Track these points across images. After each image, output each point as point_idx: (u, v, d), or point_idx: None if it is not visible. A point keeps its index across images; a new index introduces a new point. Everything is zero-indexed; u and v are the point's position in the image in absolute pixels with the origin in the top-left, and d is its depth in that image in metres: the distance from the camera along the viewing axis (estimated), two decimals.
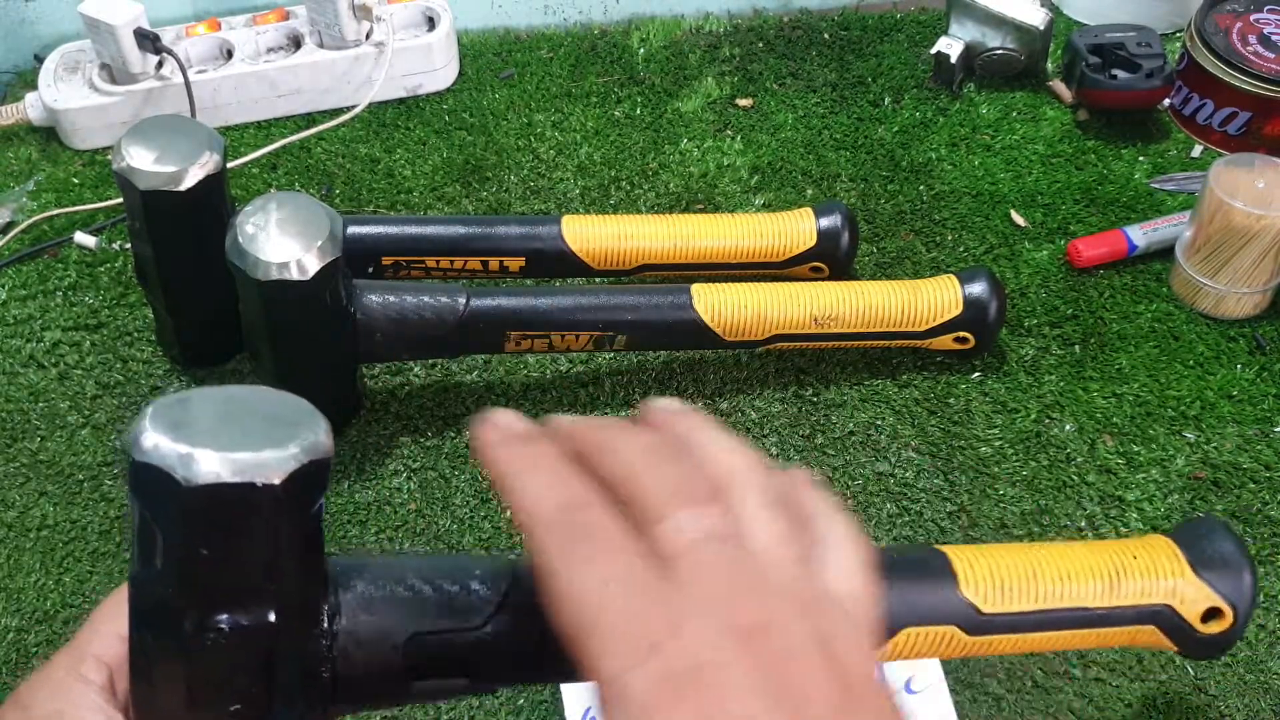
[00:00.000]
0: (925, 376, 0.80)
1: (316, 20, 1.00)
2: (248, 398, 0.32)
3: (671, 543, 0.28)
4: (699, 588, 0.28)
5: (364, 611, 0.34)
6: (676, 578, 0.28)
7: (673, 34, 1.08)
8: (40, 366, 0.82)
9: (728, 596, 0.28)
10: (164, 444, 0.29)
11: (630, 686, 0.26)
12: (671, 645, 0.26)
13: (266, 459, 0.30)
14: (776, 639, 0.27)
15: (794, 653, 0.27)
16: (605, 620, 0.27)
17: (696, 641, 0.26)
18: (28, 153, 1.00)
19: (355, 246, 0.78)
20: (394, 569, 0.35)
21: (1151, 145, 0.95)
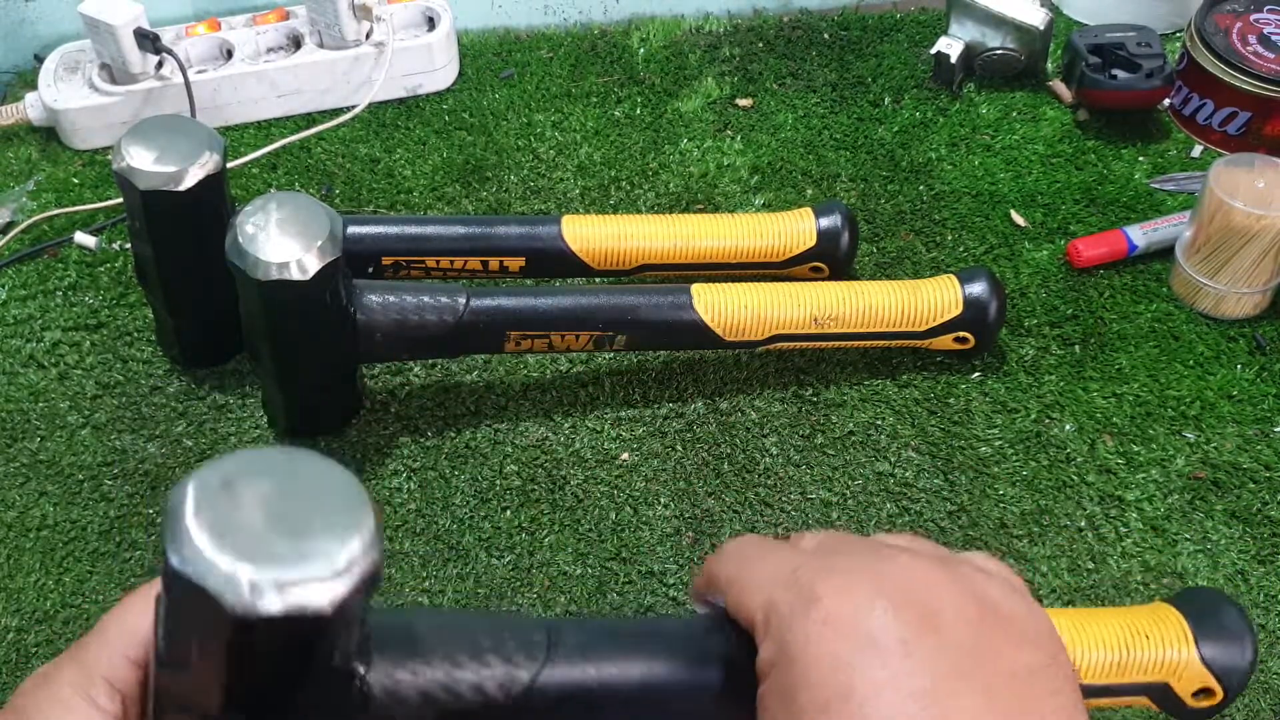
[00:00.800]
0: (925, 376, 0.80)
1: (316, 20, 1.00)
2: (296, 482, 0.30)
3: (804, 546, 0.36)
4: (823, 551, 0.35)
5: (395, 696, 0.33)
6: (808, 553, 0.35)
7: (673, 34, 1.08)
8: (40, 366, 0.82)
9: (860, 545, 0.35)
10: (207, 557, 0.28)
11: (780, 599, 0.33)
12: (804, 570, 0.33)
13: (315, 587, 0.28)
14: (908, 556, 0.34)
15: (924, 576, 0.33)
16: (754, 572, 0.35)
17: (828, 561, 0.34)
18: (28, 153, 1.00)
19: (355, 246, 0.78)
20: (425, 640, 0.34)
21: (1151, 145, 0.95)
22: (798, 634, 0.31)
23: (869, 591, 0.32)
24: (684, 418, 0.78)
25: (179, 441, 0.78)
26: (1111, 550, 0.70)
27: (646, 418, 0.78)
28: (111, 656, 0.33)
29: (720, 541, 0.71)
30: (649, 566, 0.71)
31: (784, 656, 0.32)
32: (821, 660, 0.31)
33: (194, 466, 0.75)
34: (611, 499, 0.74)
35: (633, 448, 0.77)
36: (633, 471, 0.75)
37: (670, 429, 0.78)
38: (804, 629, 0.31)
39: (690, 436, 0.77)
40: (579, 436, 0.77)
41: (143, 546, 0.72)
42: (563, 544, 0.72)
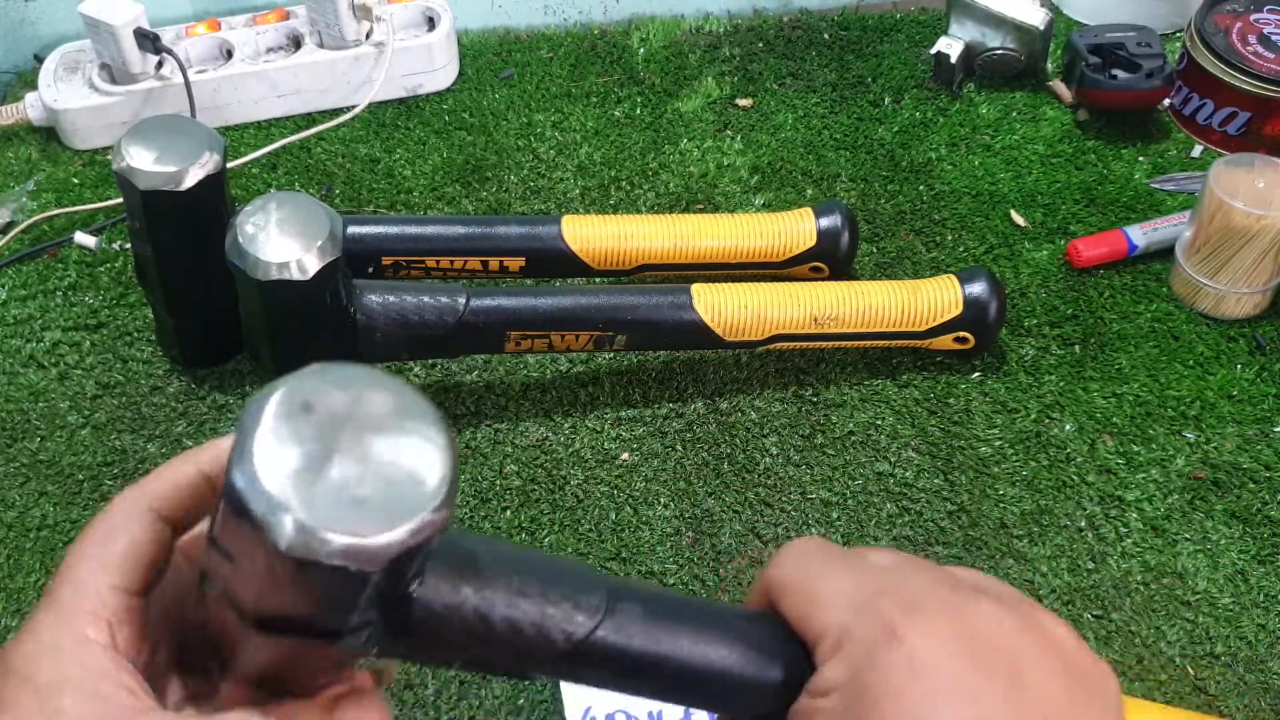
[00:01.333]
0: (925, 376, 0.80)
1: (316, 20, 1.00)
2: (377, 416, 0.29)
3: (877, 564, 0.35)
4: (898, 578, 0.34)
5: (445, 618, 0.32)
6: (883, 576, 0.34)
7: (673, 34, 1.08)
8: (40, 366, 0.82)
9: (942, 577, 0.34)
10: (264, 487, 0.27)
11: (860, 624, 0.32)
12: (887, 597, 0.33)
13: (369, 541, 0.27)
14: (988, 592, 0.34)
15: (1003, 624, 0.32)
16: (829, 588, 0.34)
17: (915, 592, 0.33)
18: (28, 153, 1.00)
19: (355, 246, 0.78)
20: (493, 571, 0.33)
21: (1151, 145, 0.95)
22: (878, 670, 0.31)
23: (955, 637, 0.31)
24: (684, 418, 0.78)
25: (179, 442, 0.78)
26: (1111, 550, 0.70)
27: (646, 418, 0.78)
28: (91, 590, 0.32)
29: (720, 542, 0.71)
30: (649, 566, 0.71)
31: (857, 687, 0.31)
32: (902, 703, 0.30)
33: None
34: (611, 499, 0.74)
35: (633, 448, 0.77)
36: (633, 471, 0.75)
37: (670, 429, 0.78)
38: (885, 666, 0.31)
39: (690, 436, 0.77)
40: (579, 436, 0.77)
41: None
42: (563, 544, 0.72)
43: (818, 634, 0.33)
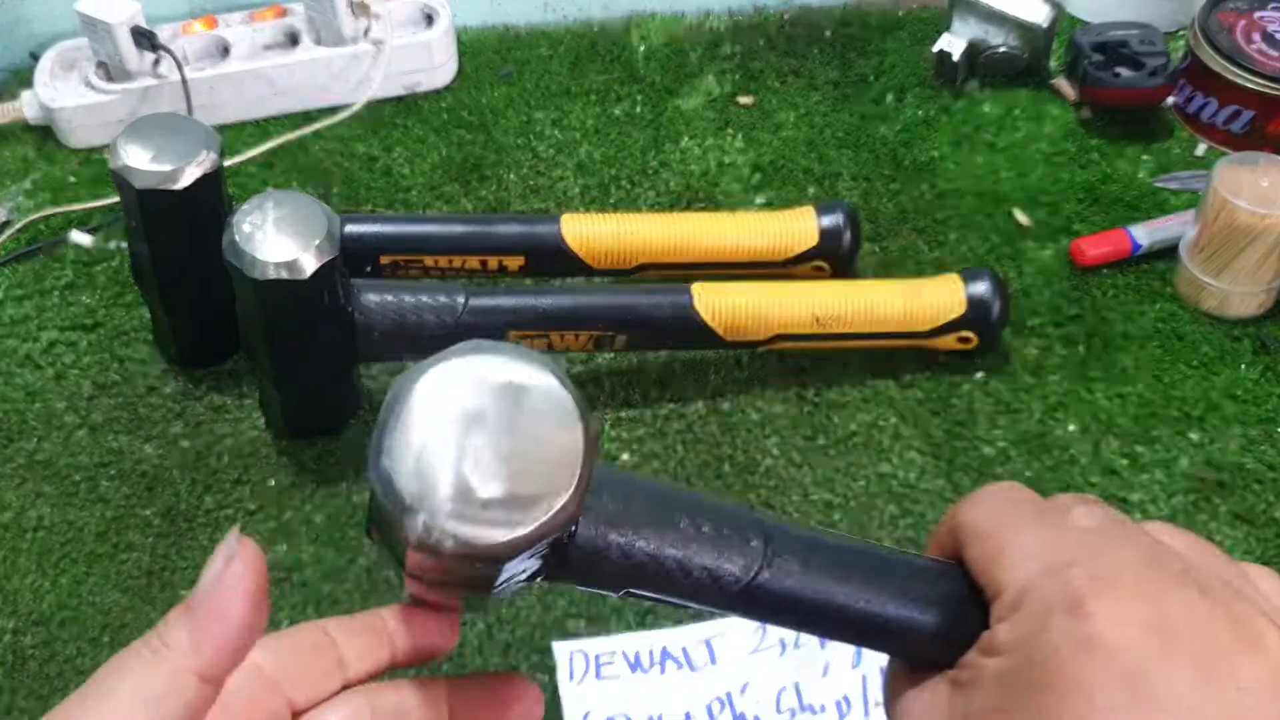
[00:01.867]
0: (928, 377, 0.79)
1: (314, 17, 0.99)
2: (518, 406, 0.30)
3: (1083, 522, 0.32)
4: (1114, 541, 0.31)
5: (603, 555, 0.32)
6: (1083, 539, 0.31)
7: (673, 31, 1.08)
8: (36, 366, 0.82)
9: (1148, 552, 0.31)
10: (396, 482, 0.28)
11: (1041, 589, 0.30)
12: (1080, 566, 0.30)
13: (492, 536, 0.28)
14: (1201, 590, 0.30)
15: (1222, 603, 0.29)
16: (1019, 541, 0.32)
17: (1111, 565, 0.30)
18: (23, 151, 0.99)
19: (353, 245, 0.77)
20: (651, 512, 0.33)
21: (1155, 144, 0.95)
22: (1052, 641, 0.29)
23: (1148, 625, 0.28)
24: (684, 418, 0.78)
25: (176, 442, 0.77)
26: None
27: (646, 418, 0.78)
28: None
29: None
30: None
31: (1029, 653, 0.29)
32: (1070, 683, 0.28)
33: (191, 468, 0.75)
34: None
35: (633, 448, 0.76)
36: (633, 471, 0.75)
37: (670, 429, 0.77)
38: (1060, 638, 0.29)
39: (691, 437, 0.77)
40: None
41: (140, 548, 0.72)
42: None
43: (998, 589, 0.31)
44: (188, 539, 0.72)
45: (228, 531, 0.31)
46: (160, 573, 0.71)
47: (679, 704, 0.64)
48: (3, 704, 0.66)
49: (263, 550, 0.32)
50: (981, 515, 0.33)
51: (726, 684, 0.64)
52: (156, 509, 0.74)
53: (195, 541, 0.72)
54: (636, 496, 0.33)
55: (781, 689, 0.64)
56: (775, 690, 0.64)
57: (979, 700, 0.30)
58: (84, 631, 0.68)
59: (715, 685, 0.64)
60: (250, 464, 0.76)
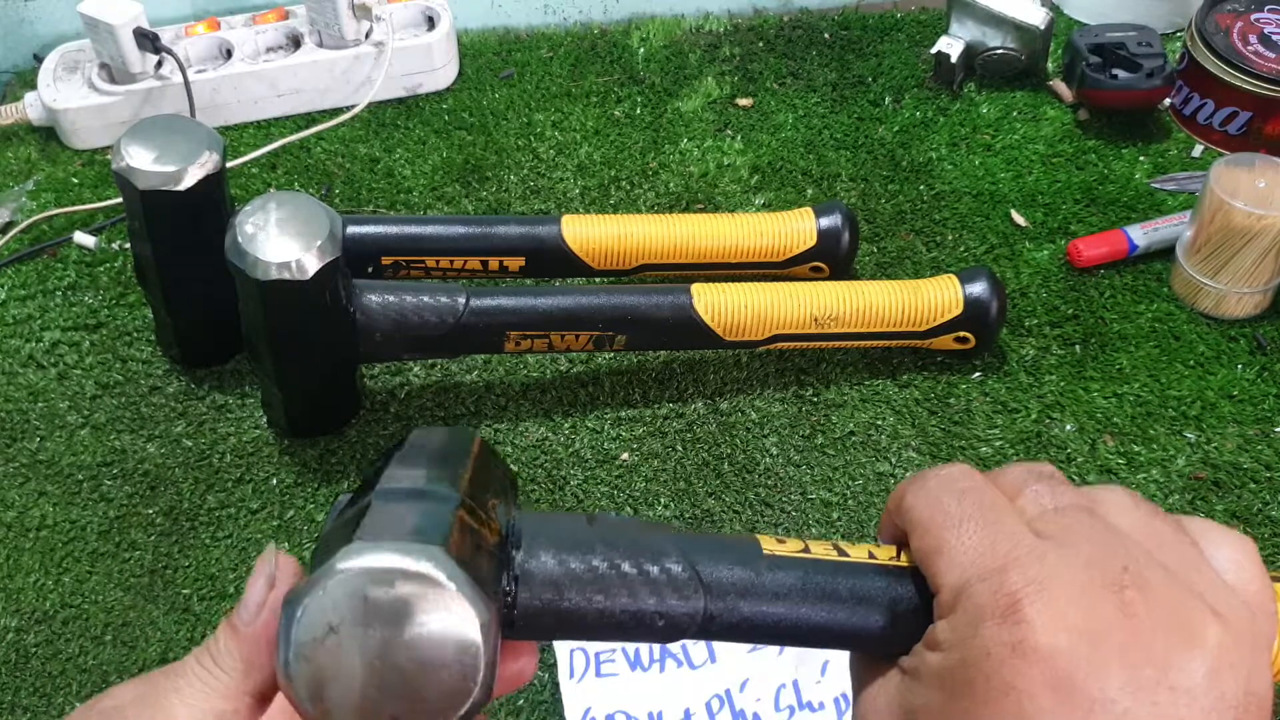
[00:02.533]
0: (926, 376, 0.80)
1: (316, 20, 1.00)
2: (403, 630, 0.30)
3: (1031, 510, 0.32)
4: (1054, 538, 0.30)
5: (547, 587, 0.32)
6: (1035, 530, 0.31)
7: (673, 33, 1.08)
8: (39, 366, 0.82)
9: (1089, 551, 0.30)
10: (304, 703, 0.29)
11: (974, 594, 0.29)
12: (1016, 571, 0.29)
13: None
14: (1138, 592, 0.29)
15: (1159, 603, 0.29)
16: (957, 542, 0.31)
17: (1044, 571, 0.29)
18: (27, 152, 0.99)
19: (355, 246, 0.77)
20: (579, 540, 0.34)
21: (1152, 145, 0.95)
22: (984, 645, 0.28)
23: (1081, 630, 0.28)
24: (684, 418, 0.78)
25: (178, 441, 0.78)
26: None
27: (646, 418, 0.78)
28: None
29: None
30: None
31: (960, 655, 0.29)
32: (1001, 689, 0.28)
33: (193, 467, 0.75)
34: (611, 499, 0.74)
35: (633, 448, 0.77)
36: (633, 471, 0.75)
37: (670, 429, 0.77)
38: (992, 643, 0.28)
39: (690, 436, 0.77)
40: (579, 436, 0.77)
41: (142, 546, 0.72)
42: None
43: (936, 587, 0.31)
44: (190, 538, 0.73)
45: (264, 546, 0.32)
46: (163, 571, 0.71)
47: (679, 701, 0.64)
48: (6, 701, 0.66)
49: (299, 566, 0.33)
50: (923, 506, 0.33)
51: (726, 681, 0.65)
52: (159, 508, 0.74)
53: (198, 540, 0.73)
54: (572, 548, 0.33)
55: (780, 686, 0.65)
56: (774, 688, 0.65)
57: (921, 694, 0.31)
58: (87, 630, 0.69)
59: (715, 683, 0.65)
60: (252, 463, 0.76)
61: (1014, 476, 0.33)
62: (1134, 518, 0.31)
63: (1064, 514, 0.31)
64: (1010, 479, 0.33)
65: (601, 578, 0.33)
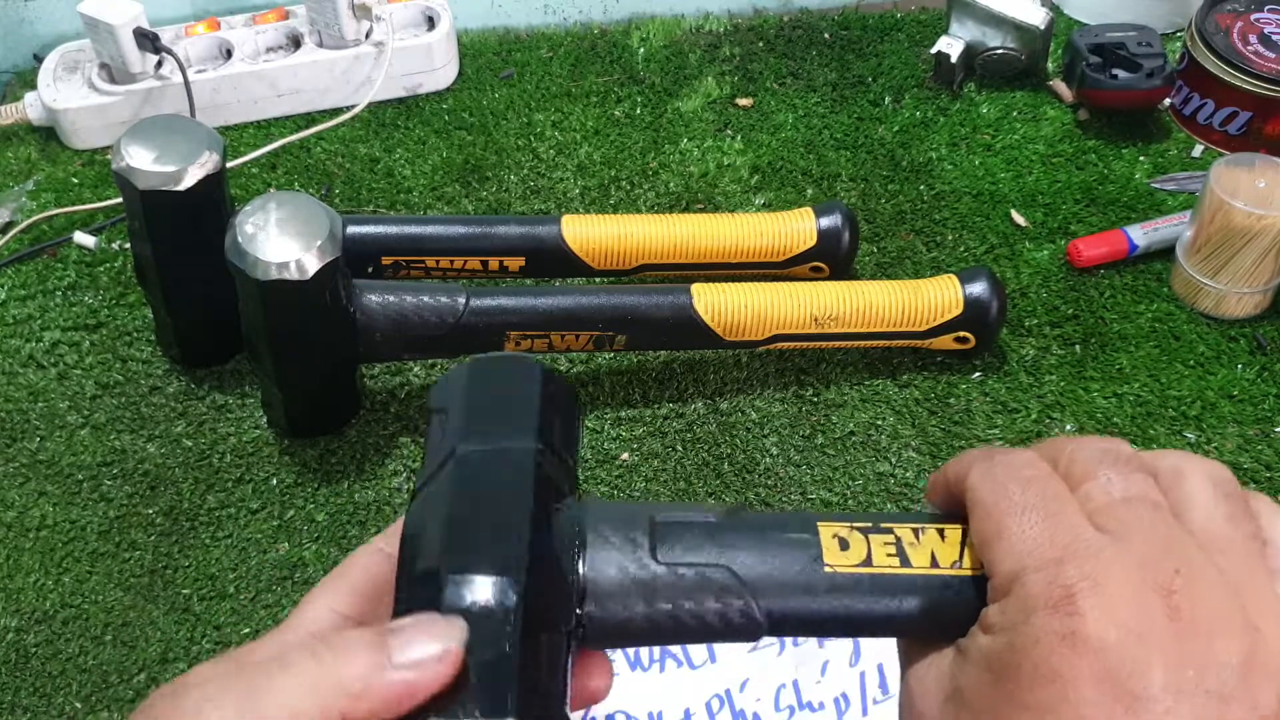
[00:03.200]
0: (926, 376, 0.80)
1: (316, 20, 1.00)
2: None
3: (1097, 499, 0.31)
4: (1113, 534, 0.30)
5: (603, 518, 0.34)
6: (1096, 523, 0.31)
7: (673, 33, 1.08)
8: (39, 366, 0.82)
9: (1145, 550, 0.30)
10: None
11: (1028, 583, 0.30)
12: (1072, 565, 0.29)
13: None
14: (1186, 597, 0.29)
15: (1203, 609, 0.29)
16: (1017, 530, 0.31)
17: (1099, 567, 0.29)
18: (27, 152, 0.99)
19: (355, 246, 0.77)
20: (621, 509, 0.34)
21: (1152, 145, 0.95)
22: (1034, 633, 0.29)
23: (1130, 627, 0.28)
24: (684, 418, 0.78)
25: (178, 441, 0.78)
26: None
27: (646, 418, 0.78)
28: (312, 613, 0.34)
29: None
30: None
31: (1009, 640, 0.29)
32: (1048, 675, 0.28)
33: (193, 467, 0.75)
34: (611, 499, 0.74)
35: (633, 448, 0.77)
36: (633, 471, 0.75)
37: (670, 429, 0.77)
38: (1042, 632, 0.29)
39: (690, 436, 0.77)
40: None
41: (142, 546, 0.72)
42: None
43: (992, 571, 0.31)
44: (190, 538, 0.73)
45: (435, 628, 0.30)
46: (163, 571, 0.71)
47: (679, 701, 0.64)
48: (6, 701, 0.66)
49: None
50: (988, 489, 0.33)
51: (726, 681, 0.65)
52: (159, 508, 0.74)
53: (198, 540, 0.73)
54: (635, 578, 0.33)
55: (780, 686, 0.65)
56: (774, 688, 0.65)
57: (968, 673, 0.31)
58: (87, 630, 0.69)
59: (715, 683, 0.65)
60: (253, 463, 0.76)
61: (1086, 457, 0.33)
62: (1204, 513, 0.32)
63: (1129, 506, 0.31)
64: (1082, 460, 0.33)
65: (662, 621, 0.33)
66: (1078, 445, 0.33)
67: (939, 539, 0.34)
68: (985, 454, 0.34)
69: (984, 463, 0.34)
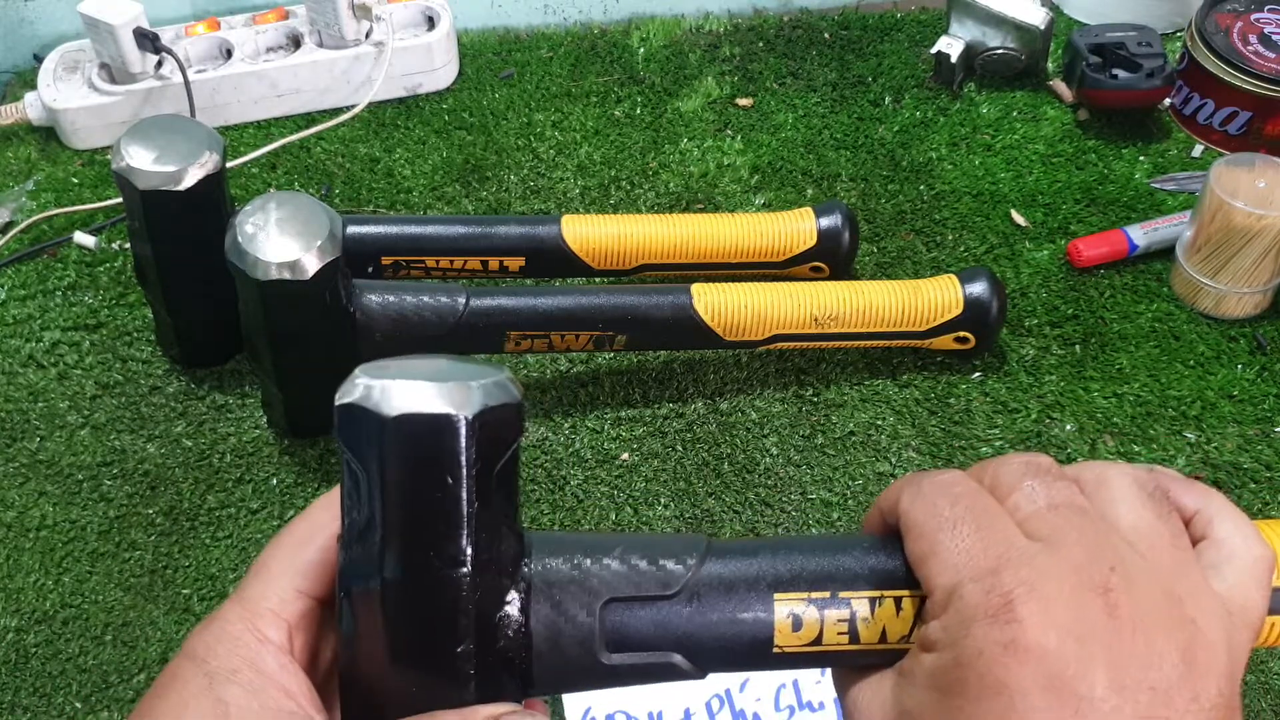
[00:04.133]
0: (926, 376, 0.80)
1: (316, 20, 1.00)
2: (438, 361, 0.33)
3: (1025, 508, 0.32)
4: (1045, 540, 0.31)
5: (555, 579, 0.33)
6: (1027, 531, 0.31)
7: (673, 33, 1.08)
8: (40, 366, 0.82)
9: (1078, 552, 0.30)
10: (368, 383, 0.32)
11: (965, 594, 0.30)
12: (1008, 572, 0.30)
13: (458, 392, 0.31)
14: (1123, 594, 0.29)
15: (1141, 606, 0.29)
16: (950, 544, 0.31)
17: (1034, 573, 0.30)
18: (27, 152, 0.99)
19: (355, 246, 0.78)
20: (584, 544, 0.34)
21: (1152, 145, 0.95)
22: (976, 645, 0.29)
23: (1069, 630, 0.29)
24: (684, 418, 0.78)
25: (178, 441, 0.78)
26: None
27: (646, 418, 0.78)
28: (276, 591, 0.33)
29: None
30: None
31: (953, 655, 0.30)
32: (993, 687, 0.29)
33: (193, 467, 0.75)
34: (611, 499, 0.74)
35: (633, 448, 0.77)
36: (633, 471, 0.75)
37: (670, 429, 0.77)
38: (984, 643, 0.29)
39: (690, 436, 0.77)
40: (579, 436, 0.77)
41: (142, 546, 0.72)
42: None
43: (930, 589, 0.32)
44: (190, 538, 0.73)
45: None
46: (163, 571, 0.71)
47: (679, 701, 0.64)
48: (6, 701, 0.66)
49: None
50: (919, 510, 0.33)
51: (726, 681, 0.65)
52: (159, 508, 0.74)
53: (198, 540, 0.73)
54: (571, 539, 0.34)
55: (780, 686, 0.65)
56: (774, 688, 0.65)
57: (914, 694, 0.31)
58: (87, 629, 0.69)
59: (715, 683, 0.65)
60: (253, 463, 0.76)
61: (1009, 472, 0.33)
62: (1131, 514, 0.32)
63: (1057, 512, 0.31)
64: (1006, 475, 0.33)
65: (608, 686, 0.33)
66: (1000, 461, 0.34)
67: (894, 613, 0.34)
68: (913, 478, 0.34)
69: (912, 486, 0.34)
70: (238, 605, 0.33)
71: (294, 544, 0.34)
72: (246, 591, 0.33)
